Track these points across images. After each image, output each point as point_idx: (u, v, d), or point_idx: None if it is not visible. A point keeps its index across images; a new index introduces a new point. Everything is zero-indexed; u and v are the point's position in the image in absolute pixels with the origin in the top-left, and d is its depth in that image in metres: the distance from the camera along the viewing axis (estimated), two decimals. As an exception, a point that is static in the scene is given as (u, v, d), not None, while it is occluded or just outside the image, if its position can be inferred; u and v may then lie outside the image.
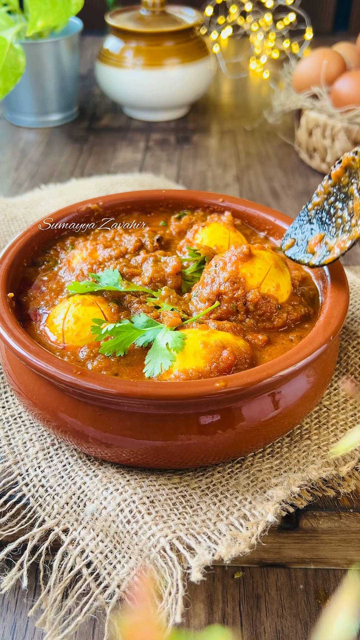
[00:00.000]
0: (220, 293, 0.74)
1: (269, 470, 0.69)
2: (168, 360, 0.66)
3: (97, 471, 0.69)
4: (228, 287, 0.73)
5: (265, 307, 0.73)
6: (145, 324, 0.70)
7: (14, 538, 0.66)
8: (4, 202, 1.16)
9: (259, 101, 1.83)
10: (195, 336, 0.68)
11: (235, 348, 0.67)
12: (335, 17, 2.45)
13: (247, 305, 0.73)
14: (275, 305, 0.73)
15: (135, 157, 1.50)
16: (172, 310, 0.73)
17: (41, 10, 1.38)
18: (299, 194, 1.36)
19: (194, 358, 0.66)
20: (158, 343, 0.68)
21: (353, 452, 0.71)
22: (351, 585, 0.31)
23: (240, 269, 0.74)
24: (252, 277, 0.73)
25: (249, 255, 0.74)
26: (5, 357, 0.73)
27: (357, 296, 0.92)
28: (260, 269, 0.74)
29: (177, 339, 0.67)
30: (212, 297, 0.74)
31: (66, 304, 0.74)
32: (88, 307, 0.72)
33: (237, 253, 0.75)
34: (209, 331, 0.68)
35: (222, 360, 0.65)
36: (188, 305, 0.76)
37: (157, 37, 1.54)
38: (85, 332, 0.71)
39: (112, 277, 0.77)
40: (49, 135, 1.61)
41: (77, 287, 0.75)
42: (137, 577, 0.59)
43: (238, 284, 0.73)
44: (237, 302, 0.73)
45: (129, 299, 0.76)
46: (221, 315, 0.73)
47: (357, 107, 1.29)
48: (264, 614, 0.67)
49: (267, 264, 0.75)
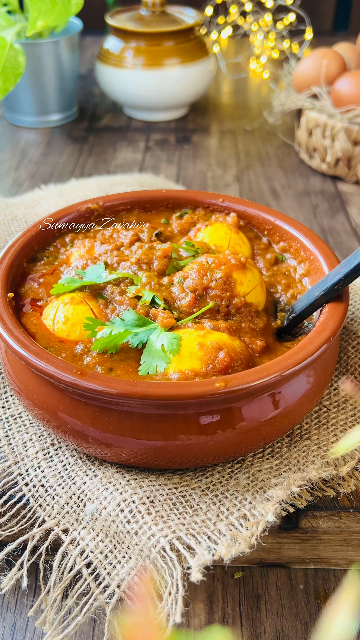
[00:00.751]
0: (208, 288, 0.73)
1: (269, 470, 0.69)
2: (163, 362, 0.66)
3: (97, 471, 0.69)
4: (219, 285, 0.73)
5: (246, 312, 0.74)
6: (135, 322, 0.70)
7: (14, 538, 0.66)
8: (4, 202, 1.16)
9: (259, 101, 1.83)
10: (191, 337, 0.68)
11: (231, 349, 0.67)
12: (335, 17, 2.45)
13: (230, 308, 0.74)
14: (254, 312, 0.75)
15: (135, 157, 1.50)
16: (164, 309, 0.72)
17: (41, 10, 1.38)
18: (299, 194, 1.36)
19: (189, 359, 0.66)
20: (153, 344, 0.68)
21: (353, 452, 0.71)
22: (351, 585, 0.31)
23: (232, 274, 0.74)
24: (242, 285, 0.75)
25: (243, 266, 0.76)
26: (5, 357, 0.73)
27: (357, 296, 0.92)
28: (250, 281, 0.76)
29: (173, 340, 0.67)
30: (199, 290, 0.74)
31: (55, 303, 0.74)
32: (77, 305, 0.73)
33: (234, 259, 0.76)
34: (204, 331, 0.68)
35: (218, 362, 0.65)
36: (170, 291, 0.75)
37: (157, 37, 1.54)
38: (76, 332, 0.71)
39: (96, 270, 0.77)
40: (49, 135, 1.61)
41: (58, 288, 0.75)
42: (137, 577, 0.59)
43: (229, 286, 0.74)
44: (221, 302, 0.73)
45: (111, 289, 0.75)
46: (201, 306, 0.73)
47: (357, 107, 1.29)
48: (264, 614, 0.67)
49: (256, 279, 0.77)
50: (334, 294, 0.72)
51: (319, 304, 0.73)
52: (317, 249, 0.81)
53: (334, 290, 0.72)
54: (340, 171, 1.38)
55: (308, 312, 0.75)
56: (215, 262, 0.75)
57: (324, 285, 0.72)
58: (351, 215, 1.28)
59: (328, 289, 0.72)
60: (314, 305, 0.74)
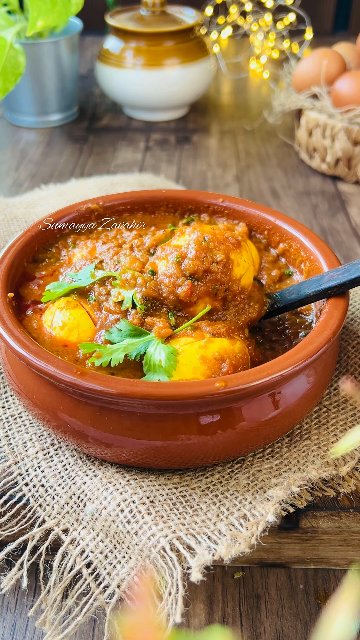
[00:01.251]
0: (208, 271, 0.70)
1: (269, 470, 0.69)
2: (166, 376, 0.65)
3: (97, 471, 0.69)
4: (219, 269, 0.70)
5: (240, 298, 0.72)
6: (131, 332, 0.68)
7: (14, 538, 0.66)
8: (4, 202, 1.16)
9: (259, 101, 1.83)
10: (192, 349, 0.66)
11: (233, 357, 0.67)
12: (335, 17, 2.45)
13: (227, 294, 0.71)
14: (247, 297, 0.73)
15: (135, 157, 1.50)
16: (168, 313, 0.71)
17: (41, 10, 1.38)
18: (299, 194, 1.36)
19: (193, 375, 0.65)
20: (151, 357, 0.66)
21: (353, 452, 0.71)
22: (351, 585, 0.31)
23: (229, 255, 0.71)
24: (238, 266, 0.72)
25: (239, 244, 0.73)
26: (5, 357, 0.73)
27: (357, 296, 0.92)
28: (245, 261, 0.73)
29: (170, 355, 0.65)
30: (199, 273, 0.70)
31: (52, 309, 0.74)
32: (73, 310, 0.73)
33: (231, 237, 0.72)
34: (205, 341, 0.67)
35: (221, 375, 0.65)
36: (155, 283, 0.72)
37: (157, 37, 1.54)
38: (74, 336, 0.71)
39: (86, 273, 0.76)
40: (49, 135, 1.61)
41: (48, 295, 0.75)
42: (137, 577, 0.59)
43: (228, 269, 0.70)
44: (220, 286, 0.70)
45: (97, 291, 0.74)
46: (200, 294, 0.70)
47: (357, 107, 1.29)
48: (264, 614, 0.67)
49: (250, 257, 0.74)
50: (324, 297, 0.72)
51: (307, 302, 0.73)
52: (317, 249, 0.81)
53: (326, 294, 0.72)
54: (340, 171, 1.38)
55: (294, 307, 0.75)
56: (212, 240, 0.71)
57: (317, 285, 0.72)
58: (351, 215, 1.28)
59: (320, 291, 0.72)
60: (301, 302, 0.73)
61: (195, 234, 0.73)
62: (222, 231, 0.74)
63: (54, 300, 0.75)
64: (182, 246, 0.72)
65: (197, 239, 0.72)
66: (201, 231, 0.73)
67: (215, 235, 0.72)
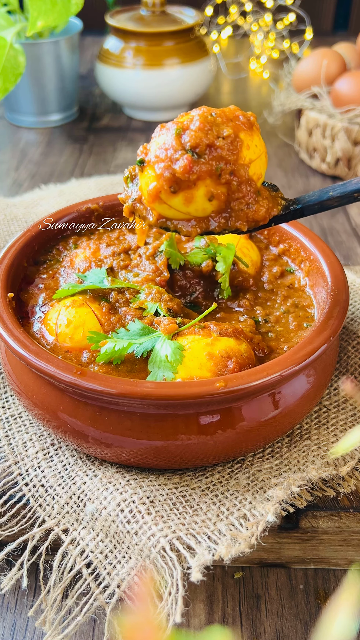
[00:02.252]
0: (212, 146, 0.61)
1: (269, 470, 0.69)
2: (170, 372, 0.65)
3: (97, 471, 0.69)
4: (225, 145, 0.61)
5: (246, 190, 0.63)
6: (140, 332, 0.69)
7: (14, 538, 0.66)
8: (4, 202, 1.16)
9: (259, 101, 1.83)
10: (199, 345, 0.67)
11: (239, 356, 0.67)
12: (335, 17, 2.45)
13: (232, 179, 0.62)
14: (255, 191, 0.64)
15: (135, 157, 1.50)
16: (164, 316, 0.71)
17: (41, 10, 1.38)
18: (299, 194, 1.36)
19: (199, 371, 0.65)
20: (157, 353, 0.67)
21: (353, 452, 0.71)
22: (351, 585, 0.31)
23: (239, 133, 0.63)
24: (248, 149, 0.63)
25: (252, 126, 0.64)
26: (5, 357, 0.73)
27: (357, 296, 0.92)
28: (257, 146, 0.64)
29: (177, 351, 0.66)
30: (202, 147, 0.61)
31: (57, 307, 0.74)
32: (78, 308, 0.72)
33: (242, 115, 0.64)
34: (212, 338, 0.67)
35: (227, 372, 0.65)
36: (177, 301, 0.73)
37: (157, 37, 1.54)
38: (79, 334, 0.71)
39: (98, 275, 0.76)
40: (49, 135, 1.61)
41: (61, 293, 0.75)
42: (137, 577, 0.59)
43: (235, 147, 0.62)
44: (225, 166, 0.61)
45: (115, 296, 0.75)
46: (200, 173, 0.61)
47: (357, 107, 1.29)
48: (264, 614, 0.67)
49: (262, 146, 0.66)
50: (349, 201, 0.66)
51: (328, 205, 0.67)
52: (317, 249, 0.81)
53: (352, 198, 0.65)
54: (340, 171, 1.38)
55: (313, 210, 0.68)
56: (221, 116, 0.63)
57: (343, 189, 0.65)
58: (351, 215, 1.28)
59: (346, 193, 0.65)
60: (322, 205, 0.67)
61: (202, 109, 0.64)
62: (233, 110, 0.65)
63: (60, 299, 0.75)
64: (185, 120, 0.63)
65: (202, 113, 0.63)
66: (208, 108, 0.64)
67: (224, 112, 0.64)
